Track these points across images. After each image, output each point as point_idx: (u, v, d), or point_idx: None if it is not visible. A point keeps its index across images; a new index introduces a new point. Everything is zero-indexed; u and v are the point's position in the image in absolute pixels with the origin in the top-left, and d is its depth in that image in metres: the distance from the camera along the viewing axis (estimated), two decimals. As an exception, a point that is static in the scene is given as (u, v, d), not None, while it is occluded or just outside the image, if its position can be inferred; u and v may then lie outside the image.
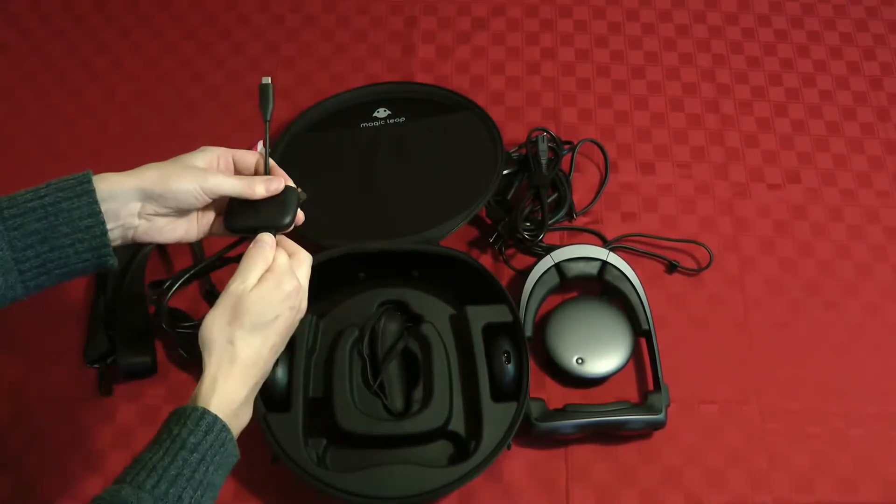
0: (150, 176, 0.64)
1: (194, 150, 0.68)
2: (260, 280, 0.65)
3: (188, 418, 0.59)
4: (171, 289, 0.76)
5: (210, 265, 0.78)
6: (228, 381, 0.62)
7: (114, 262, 0.64)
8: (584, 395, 0.91)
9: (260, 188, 0.67)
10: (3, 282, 0.61)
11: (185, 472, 0.57)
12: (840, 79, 1.14)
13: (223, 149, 0.69)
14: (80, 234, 0.62)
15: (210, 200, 0.67)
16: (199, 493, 0.58)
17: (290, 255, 0.68)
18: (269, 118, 0.72)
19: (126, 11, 1.19)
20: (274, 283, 0.65)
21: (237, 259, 0.67)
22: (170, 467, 0.57)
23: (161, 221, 0.67)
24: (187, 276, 0.77)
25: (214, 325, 0.63)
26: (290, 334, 0.68)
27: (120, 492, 0.55)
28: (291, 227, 0.70)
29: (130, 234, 0.66)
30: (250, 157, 0.70)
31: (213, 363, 0.62)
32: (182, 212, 0.67)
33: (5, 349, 0.93)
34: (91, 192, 0.62)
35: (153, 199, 0.64)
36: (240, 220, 0.69)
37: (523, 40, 1.17)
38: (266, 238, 0.67)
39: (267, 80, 0.73)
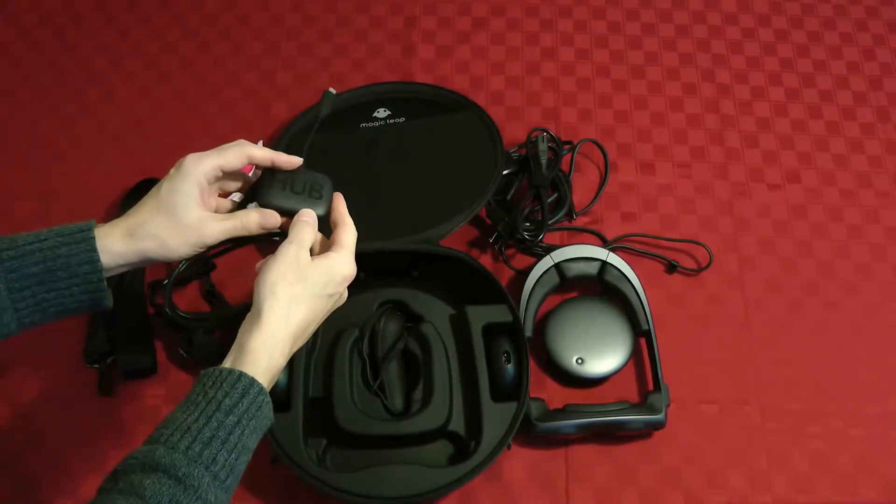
0: (149, 246, 0.64)
1: (181, 158, 0.67)
2: (327, 254, 0.66)
3: (224, 381, 0.59)
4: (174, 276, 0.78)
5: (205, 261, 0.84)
6: (278, 344, 0.62)
7: (109, 302, 0.66)
8: (584, 395, 0.91)
9: (253, 224, 0.68)
10: None
11: (220, 434, 0.57)
12: (840, 79, 1.14)
13: (208, 161, 0.66)
14: (76, 279, 0.63)
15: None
16: (233, 455, 0.57)
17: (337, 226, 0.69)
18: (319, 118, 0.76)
19: (126, 11, 1.19)
20: (338, 262, 0.66)
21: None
22: (204, 429, 0.56)
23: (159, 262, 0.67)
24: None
25: (281, 279, 0.62)
26: (327, 316, 0.68)
27: (154, 452, 0.55)
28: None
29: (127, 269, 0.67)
30: (236, 159, 0.68)
31: (273, 320, 0.61)
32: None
33: (5, 349, 0.92)
34: (90, 240, 0.63)
35: (153, 260, 0.66)
36: (274, 198, 0.69)
37: (523, 40, 1.17)
38: (311, 215, 0.68)
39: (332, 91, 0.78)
